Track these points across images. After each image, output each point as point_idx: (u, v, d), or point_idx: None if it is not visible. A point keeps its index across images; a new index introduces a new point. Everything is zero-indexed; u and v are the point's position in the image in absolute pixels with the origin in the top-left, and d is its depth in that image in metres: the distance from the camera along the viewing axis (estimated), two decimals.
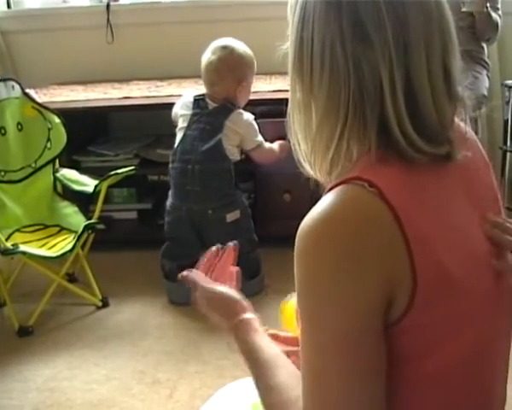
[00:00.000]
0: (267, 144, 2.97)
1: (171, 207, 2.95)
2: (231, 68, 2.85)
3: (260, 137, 2.93)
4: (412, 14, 0.91)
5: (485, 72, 3.54)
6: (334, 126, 0.95)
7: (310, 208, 0.92)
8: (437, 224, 0.92)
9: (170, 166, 2.93)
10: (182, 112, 2.94)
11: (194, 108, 2.90)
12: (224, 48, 2.86)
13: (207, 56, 2.87)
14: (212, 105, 2.89)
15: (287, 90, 1.02)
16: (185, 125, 2.90)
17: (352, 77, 0.92)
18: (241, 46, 2.90)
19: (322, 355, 0.91)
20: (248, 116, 2.91)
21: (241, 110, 2.92)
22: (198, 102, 2.91)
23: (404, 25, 0.91)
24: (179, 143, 2.91)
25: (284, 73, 0.98)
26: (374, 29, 0.90)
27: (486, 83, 3.53)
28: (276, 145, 3.00)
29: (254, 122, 2.92)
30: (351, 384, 0.90)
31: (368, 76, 0.91)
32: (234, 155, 2.90)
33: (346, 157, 0.97)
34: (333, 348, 0.90)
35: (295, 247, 0.91)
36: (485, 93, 3.47)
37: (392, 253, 0.88)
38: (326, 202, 0.90)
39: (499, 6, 3.40)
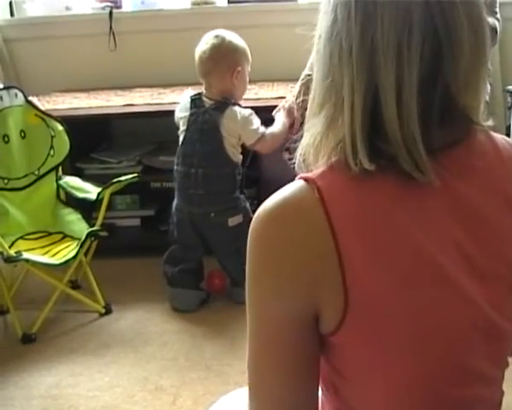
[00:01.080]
0: (269, 131, 2.89)
1: (175, 208, 2.96)
2: (224, 54, 2.84)
3: (261, 129, 2.88)
4: (382, 11, 0.85)
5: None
6: (312, 120, 0.96)
7: None
8: (381, 245, 0.88)
9: (174, 168, 2.94)
10: (181, 114, 2.94)
11: (191, 108, 2.90)
12: (216, 37, 2.86)
13: (200, 48, 2.87)
14: (208, 103, 2.88)
15: None
16: (185, 127, 2.90)
17: (326, 79, 0.92)
18: (232, 35, 2.89)
19: (253, 339, 0.97)
20: (244, 111, 2.88)
21: (237, 106, 2.88)
22: (195, 101, 2.91)
23: (373, 25, 0.85)
24: (181, 146, 2.91)
25: (286, 80, 0.98)
26: (344, 28, 0.88)
27: (488, 89, 3.52)
28: (279, 124, 2.90)
29: (252, 116, 2.88)
30: (267, 369, 0.96)
31: (336, 79, 0.90)
32: (235, 155, 2.89)
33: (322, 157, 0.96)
34: (254, 336, 0.96)
35: None
36: (487, 99, 3.46)
37: (322, 266, 0.88)
38: (279, 196, 0.92)
39: (497, 10, 3.37)
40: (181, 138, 2.92)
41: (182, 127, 2.93)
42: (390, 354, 0.90)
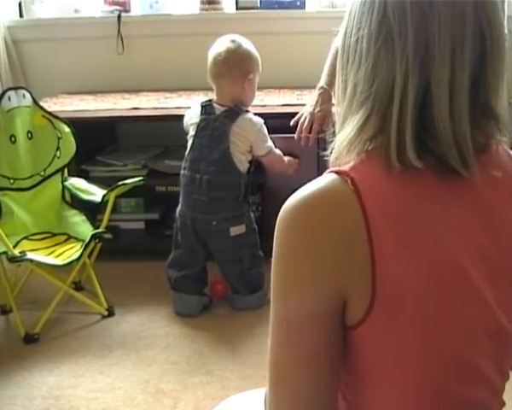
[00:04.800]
0: (277, 151, 2.97)
1: (179, 213, 2.95)
2: (239, 60, 2.85)
3: (270, 142, 2.92)
4: (439, 10, 0.87)
5: None
6: (349, 118, 0.97)
7: None
8: (411, 239, 0.90)
9: (181, 172, 2.95)
10: (192, 121, 2.94)
11: (201, 115, 2.90)
12: (232, 41, 2.88)
13: (215, 50, 2.88)
14: (219, 109, 2.88)
15: (295, 105, 1.04)
16: (194, 133, 2.91)
17: (371, 78, 0.92)
18: (248, 43, 2.92)
19: (275, 326, 0.97)
20: (257, 120, 2.89)
21: (249, 114, 2.90)
22: (205, 108, 2.91)
23: (429, 23, 0.87)
24: (189, 152, 2.92)
25: (292, 88, 0.99)
26: (396, 26, 0.88)
27: None
28: (285, 158, 3.02)
29: (264, 126, 2.90)
30: (291, 363, 0.96)
31: (383, 77, 0.91)
32: (242, 163, 2.88)
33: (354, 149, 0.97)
34: (281, 325, 0.96)
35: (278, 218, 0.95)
36: None
37: (353, 254, 0.89)
38: (312, 186, 0.93)
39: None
40: (189, 144, 2.93)
41: (191, 133, 2.93)
42: (408, 348, 0.92)
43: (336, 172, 0.92)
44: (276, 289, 0.95)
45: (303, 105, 3.17)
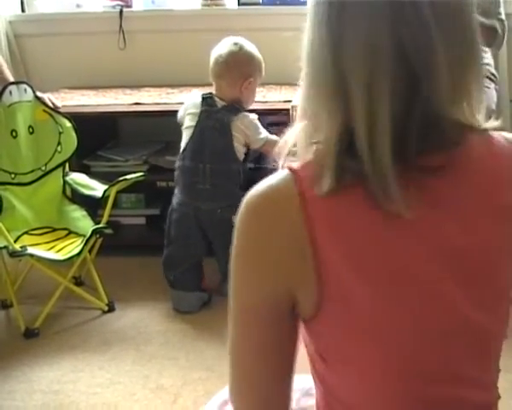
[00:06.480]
0: (273, 137, 2.97)
1: (177, 204, 2.96)
2: (239, 63, 2.89)
3: (264, 133, 2.96)
4: (351, 47, 0.86)
5: (492, 85, 3.47)
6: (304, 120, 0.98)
7: None
8: (355, 243, 0.88)
9: (178, 164, 2.96)
10: (190, 111, 2.96)
11: (202, 106, 2.93)
12: (235, 44, 2.92)
13: (217, 51, 2.92)
14: (220, 103, 2.92)
15: None
16: (193, 123, 2.92)
17: (314, 82, 0.94)
18: (251, 46, 2.95)
19: (232, 317, 0.99)
20: (253, 116, 2.96)
21: (247, 112, 2.95)
22: (206, 99, 2.94)
23: (343, 61, 0.87)
24: (189, 141, 2.93)
25: (294, 84, 0.99)
26: (318, 50, 0.92)
27: (494, 97, 3.44)
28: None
29: (257, 121, 2.96)
30: (244, 354, 1.00)
31: (315, 105, 0.93)
32: (240, 153, 2.94)
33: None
34: (235, 314, 0.98)
35: None
36: (494, 107, 3.39)
37: (296, 254, 0.90)
38: (265, 183, 0.94)
39: (500, 10, 3.27)
40: (187, 134, 2.94)
41: (189, 123, 2.95)
42: (362, 348, 0.93)
43: (290, 169, 0.93)
44: (231, 289, 0.98)
45: None
